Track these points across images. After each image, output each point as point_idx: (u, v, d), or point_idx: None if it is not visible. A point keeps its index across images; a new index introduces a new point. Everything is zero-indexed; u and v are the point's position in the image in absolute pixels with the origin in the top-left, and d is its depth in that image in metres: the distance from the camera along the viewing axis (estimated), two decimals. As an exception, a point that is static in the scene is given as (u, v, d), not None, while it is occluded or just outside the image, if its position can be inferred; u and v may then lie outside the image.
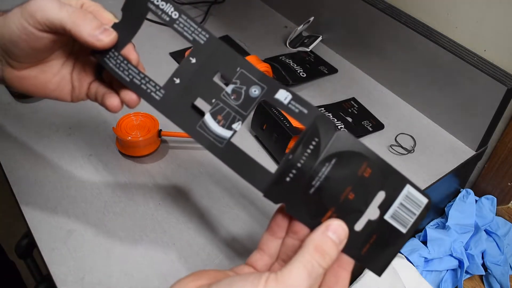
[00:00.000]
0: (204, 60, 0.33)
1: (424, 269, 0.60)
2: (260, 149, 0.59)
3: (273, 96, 0.32)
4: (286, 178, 0.31)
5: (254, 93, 0.32)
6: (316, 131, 0.31)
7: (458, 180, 0.65)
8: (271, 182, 0.31)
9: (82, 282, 0.44)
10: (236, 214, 0.51)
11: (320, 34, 0.78)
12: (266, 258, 0.34)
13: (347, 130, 0.61)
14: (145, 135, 0.55)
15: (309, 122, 0.31)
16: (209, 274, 0.32)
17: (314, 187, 0.31)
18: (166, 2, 0.34)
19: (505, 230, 0.65)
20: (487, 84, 0.55)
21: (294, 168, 0.31)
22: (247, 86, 0.32)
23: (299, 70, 0.71)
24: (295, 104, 0.31)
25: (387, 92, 0.70)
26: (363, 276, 0.55)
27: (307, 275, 0.29)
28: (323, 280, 0.32)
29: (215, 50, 0.33)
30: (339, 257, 0.32)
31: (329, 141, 0.30)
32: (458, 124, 0.62)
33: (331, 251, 0.30)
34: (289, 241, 0.33)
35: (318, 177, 0.30)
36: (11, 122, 0.60)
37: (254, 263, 0.34)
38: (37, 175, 0.53)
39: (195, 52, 0.33)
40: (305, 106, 0.31)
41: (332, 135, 0.30)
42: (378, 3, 0.66)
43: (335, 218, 0.31)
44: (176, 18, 0.34)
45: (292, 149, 0.31)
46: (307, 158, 0.30)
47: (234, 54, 0.33)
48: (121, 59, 0.35)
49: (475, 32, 0.58)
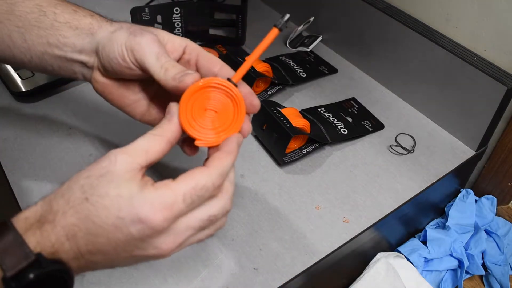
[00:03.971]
0: None
1: (424, 269, 0.60)
2: (260, 149, 0.59)
3: None
4: None
5: None
6: None
7: (458, 180, 0.65)
8: None
9: (82, 281, 0.44)
10: (236, 214, 0.51)
11: (320, 34, 0.78)
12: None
13: (347, 130, 0.61)
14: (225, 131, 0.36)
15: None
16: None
17: None
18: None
19: (505, 230, 0.65)
20: (487, 84, 0.55)
21: None
22: None
23: (299, 70, 0.71)
24: None
25: (387, 92, 0.70)
26: (363, 276, 0.55)
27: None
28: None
29: None
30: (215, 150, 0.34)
31: None
32: (458, 124, 0.62)
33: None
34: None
35: None
36: (11, 122, 0.60)
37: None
38: (37, 175, 0.53)
39: None
40: None
41: None
42: (378, 3, 0.66)
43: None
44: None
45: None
46: None
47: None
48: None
49: (475, 32, 0.58)
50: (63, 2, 0.40)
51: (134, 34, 0.36)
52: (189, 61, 0.39)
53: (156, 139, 0.33)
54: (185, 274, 0.45)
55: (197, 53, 0.38)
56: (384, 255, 0.57)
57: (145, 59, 0.36)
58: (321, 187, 0.55)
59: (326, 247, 0.49)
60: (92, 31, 0.38)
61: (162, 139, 0.33)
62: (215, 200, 0.33)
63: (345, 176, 0.57)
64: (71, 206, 0.30)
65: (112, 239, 0.30)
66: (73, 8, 0.40)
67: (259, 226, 0.50)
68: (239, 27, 0.75)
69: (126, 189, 0.30)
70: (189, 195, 0.30)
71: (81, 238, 0.30)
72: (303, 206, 0.53)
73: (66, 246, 0.29)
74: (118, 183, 0.30)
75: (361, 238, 0.51)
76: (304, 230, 0.50)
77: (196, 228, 0.32)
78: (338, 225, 0.51)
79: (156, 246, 0.31)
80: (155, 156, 0.32)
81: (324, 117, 0.63)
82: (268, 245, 0.48)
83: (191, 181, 0.31)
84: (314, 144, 0.59)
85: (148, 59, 0.35)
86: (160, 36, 0.38)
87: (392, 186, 0.56)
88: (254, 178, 0.55)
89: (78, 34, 0.38)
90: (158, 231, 0.30)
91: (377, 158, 0.59)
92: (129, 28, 0.38)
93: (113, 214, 0.29)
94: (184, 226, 0.31)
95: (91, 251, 0.30)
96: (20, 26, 0.39)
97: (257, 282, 0.45)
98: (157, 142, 0.32)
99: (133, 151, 0.31)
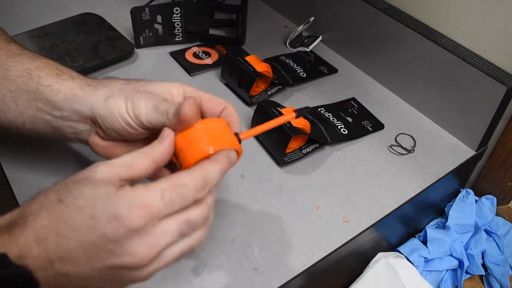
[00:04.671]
0: None
1: (424, 269, 0.60)
2: (260, 149, 0.59)
3: None
4: None
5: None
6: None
7: (458, 180, 0.65)
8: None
9: (82, 282, 0.44)
10: (236, 214, 0.51)
11: (320, 34, 0.78)
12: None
13: (347, 130, 0.61)
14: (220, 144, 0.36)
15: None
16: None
17: None
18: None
19: (505, 230, 0.65)
20: (487, 84, 0.55)
21: None
22: None
23: (299, 70, 0.71)
24: None
25: (387, 92, 0.70)
26: (363, 276, 0.55)
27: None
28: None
29: None
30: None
31: None
32: (458, 124, 0.62)
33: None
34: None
35: None
36: (11, 122, 0.60)
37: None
38: (37, 175, 0.53)
39: None
40: None
41: None
42: (378, 3, 0.66)
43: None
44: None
45: None
46: None
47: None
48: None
49: (475, 32, 0.58)
50: (50, 65, 0.40)
51: (132, 99, 0.37)
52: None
53: (142, 156, 0.32)
54: (185, 274, 0.45)
55: (198, 97, 0.38)
56: (384, 255, 0.57)
57: (152, 119, 0.36)
58: (321, 187, 0.55)
59: (326, 247, 0.49)
60: (75, 96, 0.38)
61: (147, 158, 0.32)
62: (196, 206, 0.32)
63: (345, 176, 0.57)
64: (45, 208, 0.29)
65: (84, 243, 0.28)
66: (57, 71, 0.40)
67: (259, 226, 0.50)
68: (239, 27, 0.75)
69: (103, 190, 0.29)
70: (168, 193, 0.30)
71: (52, 242, 0.28)
72: (303, 206, 0.53)
73: (35, 251, 0.28)
74: (95, 185, 0.29)
75: (361, 238, 0.51)
76: (304, 230, 0.50)
77: (174, 233, 0.31)
78: (338, 225, 0.51)
79: (131, 251, 0.29)
80: (136, 172, 0.31)
81: (324, 117, 0.63)
82: (268, 245, 0.48)
83: (171, 179, 0.30)
84: (314, 144, 0.59)
85: (154, 117, 0.36)
86: (154, 92, 0.38)
87: (392, 186, 0.56)
88: (254, 178, 0.55)
89: (62, 99, 0.38)
90: (134, 230, 0.28)
91: (377, 158, 0.59)
92: (122, 93, 0.37)
93: (87, 213, 0.28)
94: (161, 230, 0.30)
95: (62, 258, 0.28)
96: (12, 90, 0.40)
97: (257, 282, 0.45)
98: (141, 159, 0.32)
99: (115, 163, 0.31)
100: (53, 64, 0.41)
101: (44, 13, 0.80)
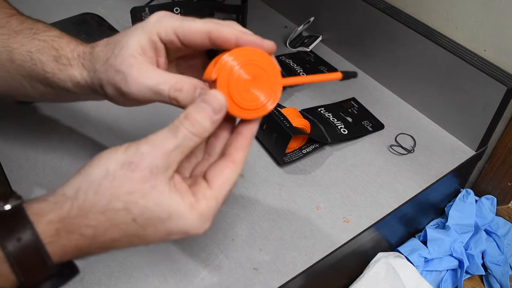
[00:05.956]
0: None
1: (424, 269, 0.60)
2: (260, 149, 0.59)
3: None
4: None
5: None
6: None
7: (458, 180, 0.65)
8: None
9: (82, 282, 0.44)
10: (236, 214, 0.51)
11: (320, 34, 0.78)
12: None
13: (347, 130, 0.61)
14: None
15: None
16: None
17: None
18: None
19: (505, 230, 0.65)
20: (487, 84, 0.55)
21: None
22: None
23: (299, 70, 0.71)
24: None
25: (387, 92, 0.70)
26: (363, 276, 0.55)
27: (173, 135, 0.29)
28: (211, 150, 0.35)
29: None
30: (236, 138, 0.33)
31: None
32: (458, 124, 0.62)
33: (202, 120, 0.30)
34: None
35: None
36: (11, 122, 0.60)
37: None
38: (37, 175, 0.53)
39: None
40: None
41: None
42: (378, 3, 0.66)
43: (214, 89, 0.32)
44: None
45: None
46: None
47: None
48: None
49: (475, 32, 0.58)
50: (46, 44, 0.39)
51: (123, 74, 0.35)
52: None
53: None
54: (185, 274, 0.45)
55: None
56: (384, 255, 0.57)
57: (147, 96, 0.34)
58: (321, 187, 0.55)
59: (326, 247, 0.49)
60: (80, 85, 0.38)
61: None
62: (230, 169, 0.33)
63: (345, 176, 0.57)
64: (115, 225, 0.30)
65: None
66: (54, 52, 0.39)
67: (259, 226, 0.50)
68: (239, 27, 0.75)
69: (173, 208, 0.30)
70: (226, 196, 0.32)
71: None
72: (303, 206, 0.53)
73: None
74: (165, 204, 0.30)
75: (361, 238, 0.51)
76: (304, 230, 0.50)
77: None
78: (338, 225, 0.51)
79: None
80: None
81: (324, 117, 0.63)
82: (268, 245, 0.48)
83: (226, 186, 0.32)
84: (314, 144, 0.59)
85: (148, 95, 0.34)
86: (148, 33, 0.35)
87: (392, 186, 0.56)
88: (254, 178, 0.55)
89: (71, 87, 0.38)
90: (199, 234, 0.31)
91: (377, 158, 0.59)
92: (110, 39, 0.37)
93: (162, 234, 0.30)
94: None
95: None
96: (25, 75, 0.40)
97: (257, 282, 0.45)
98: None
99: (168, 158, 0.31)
100: (48, 41, 0.40)
101: (44, 13, 0.80)
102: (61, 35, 0.40)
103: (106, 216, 0.29)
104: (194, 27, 0.34)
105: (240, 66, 0.32)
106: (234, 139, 0.33)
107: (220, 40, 0.34)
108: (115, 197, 0.29)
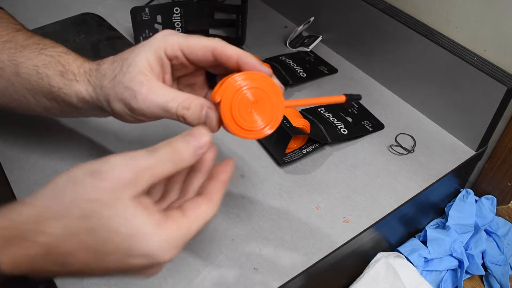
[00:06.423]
0: None
1: (424, 269, 0.60)
2: (260, 149, 0.59)
3: None
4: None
5: None
6: None
7: (458, 180, 0.65)
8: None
9: (82, 281, 0.44)
10: (236, 214, 0.51)
11: (320, 34, 0.78)
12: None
13: (347, 130, 0.61)
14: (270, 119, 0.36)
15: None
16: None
17: None
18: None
19: (505, 230, 0.65)
20: (487, 84, 0.55)
21: None
22: None
23: (299, 70, 0.71)
24: None
25: (387, 92, 0.70)
26: (363, 276, 0.55)
27: (149, 155, 0.30)
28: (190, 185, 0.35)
29: None
30: (213, 180, 0.33)
31: None
32: (458, 124, 0.62)
33: (183, 150, 0.31)
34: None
35: None
36: (11, 122, 0.60)
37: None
38: (37, 175, 0.53)
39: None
40: None
41: None
42: (378, 3, 0.66)
43: (202, 126, 0.33)
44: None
45: None
46: None
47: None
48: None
49: (475, 32, 0.58)
50: (53, 59, 0.40)
51: (127, 95, 0.36)
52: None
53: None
54: (185, 274, 0.45)
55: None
56: (384, 255, 0.57)
57: (155, 112, 0.35)
58: (321, 187, 0.55)
59: (326, 247, 0.49)
60: (85, 100, 0.39)
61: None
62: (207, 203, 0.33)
63: (345, 176, 0.57)
64: (70, 233, 0.28)
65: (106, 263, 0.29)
66: (60, 67, 0.39)
67: (259, 226, 0.50)
68: (239, 27, 0.75)
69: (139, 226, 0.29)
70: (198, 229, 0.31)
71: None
72: (303, 206, 0.53)
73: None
74: (128, 217, 0.29)
75: (361, 238, 0.51)
76: (304, 230, 0.50)
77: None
78: (338, 225, 0.51)
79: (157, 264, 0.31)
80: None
81: (324, 117, 0.63)
82: (268, 245, 0.48)
83: (201, 220, 0.31)
84: (314, 144, 0.59)
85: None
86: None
87: (392, 186, 0.56)
88: (254, 178, 0.55)
89: (77, 102, 0.39)
90: (162, 263, 0.30)
91: (377, 158, 0.59)
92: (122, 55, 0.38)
93: (123, 253, 0.29)
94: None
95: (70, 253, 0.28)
96: (29, 89, 0.40)
97: (257, 282, 0.45)
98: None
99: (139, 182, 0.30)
100: (55, 57, 0.40)
101: (44, 13, 0.80)
102: (68, 51, 0.41)
103: (62, 223, 0.27)
104: (199, 43, 0.36)
105: (247, 88, 0.34)
106: (210, 181, 0.34)
107: (223, 57, 0.35)
108: (74, 204, 0.28)
